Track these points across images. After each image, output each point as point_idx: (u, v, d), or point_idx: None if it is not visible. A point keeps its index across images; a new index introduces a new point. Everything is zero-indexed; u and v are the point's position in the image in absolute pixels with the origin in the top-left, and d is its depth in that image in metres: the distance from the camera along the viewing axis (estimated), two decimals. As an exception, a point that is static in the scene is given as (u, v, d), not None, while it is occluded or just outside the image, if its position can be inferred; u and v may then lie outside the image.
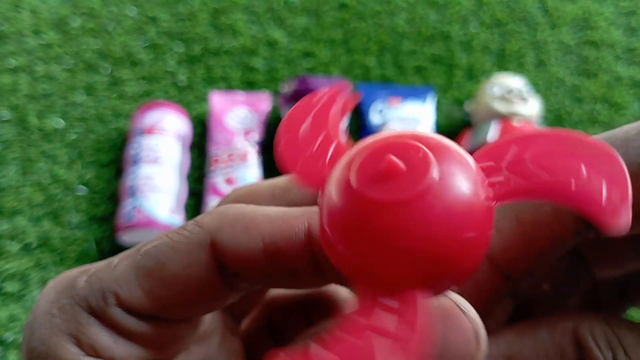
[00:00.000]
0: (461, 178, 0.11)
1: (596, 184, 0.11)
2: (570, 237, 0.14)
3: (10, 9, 0.66)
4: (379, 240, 0.10)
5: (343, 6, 0.69)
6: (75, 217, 0.54)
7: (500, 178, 0.11)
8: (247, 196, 0.16)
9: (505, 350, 0.14)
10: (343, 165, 0.11)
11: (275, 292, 0.18)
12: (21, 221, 0.53)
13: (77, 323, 0.13)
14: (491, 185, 0.11)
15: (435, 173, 0.10)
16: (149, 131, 0.55)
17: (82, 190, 0.55)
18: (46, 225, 0.53)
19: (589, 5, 0.70)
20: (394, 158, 0.11)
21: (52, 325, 0.13)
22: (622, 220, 0.10)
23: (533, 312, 0.17)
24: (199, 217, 0.14)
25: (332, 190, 0.11)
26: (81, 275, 0.14)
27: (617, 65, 0.65)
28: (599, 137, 0.14)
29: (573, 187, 0.11)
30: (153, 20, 0.67)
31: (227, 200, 0.16)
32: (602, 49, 0.66)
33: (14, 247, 0.52)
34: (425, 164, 0.11)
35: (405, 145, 0.11)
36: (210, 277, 0.14)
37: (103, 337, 0.13)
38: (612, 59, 0.66)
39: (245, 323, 0.18)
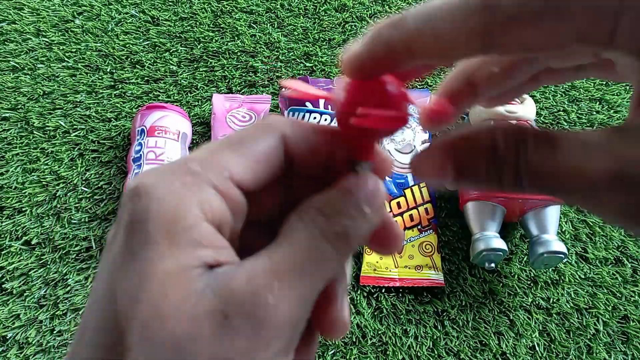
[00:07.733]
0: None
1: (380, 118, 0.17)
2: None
3: (12, 9, 0.67)
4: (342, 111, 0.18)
5: (342, 7, 0.69)
6: (76, 216, 0.54)
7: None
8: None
9: None
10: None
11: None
12: (23, 219, 0.54)
13: (201, 194, 0.17)
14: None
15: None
16: (150, 131, 0.55)
17: (83, 189, 0.56)
18: (47, 223, 0.54)
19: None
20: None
21: (181, 195, 0.16)
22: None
23: None
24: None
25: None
26: (188, 162, 0.17)
27: (613, 66, 0.66)
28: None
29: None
30: (154, 20, 0.67)
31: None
32: (599, 50, 0.67)
33: (15, 245, 0.52)
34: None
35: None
36: (280, 161, 0.19)
37: (220, 207, 0.17)
38: (609, 60, 0.66)
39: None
